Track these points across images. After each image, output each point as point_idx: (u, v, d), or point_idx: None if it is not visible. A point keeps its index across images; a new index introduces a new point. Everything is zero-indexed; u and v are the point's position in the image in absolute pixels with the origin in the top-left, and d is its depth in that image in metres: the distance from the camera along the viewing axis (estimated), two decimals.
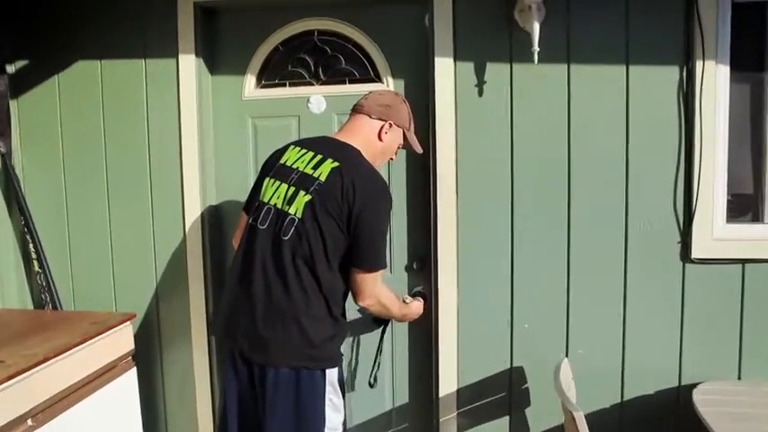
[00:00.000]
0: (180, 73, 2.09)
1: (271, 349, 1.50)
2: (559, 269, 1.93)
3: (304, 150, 1.64)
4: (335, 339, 1.58)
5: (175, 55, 2.09)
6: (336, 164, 1.55)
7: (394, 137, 1.73)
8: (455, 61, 1.94)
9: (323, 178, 1.54)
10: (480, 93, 1.95)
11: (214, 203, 2.20)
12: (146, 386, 2.17)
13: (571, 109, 1.89)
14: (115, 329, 2.02)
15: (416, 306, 1.87)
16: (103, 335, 1.96)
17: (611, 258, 1.90)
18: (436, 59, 1.94)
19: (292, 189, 1.57)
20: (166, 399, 2.25)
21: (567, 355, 1.93)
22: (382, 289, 1.60)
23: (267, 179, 1.65)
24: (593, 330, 1.92)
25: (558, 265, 1.93)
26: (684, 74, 1.82)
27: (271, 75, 2.17)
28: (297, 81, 2.15)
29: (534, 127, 1.92)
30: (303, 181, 1.56)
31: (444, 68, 1.94)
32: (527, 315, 1.96)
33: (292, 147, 1.68)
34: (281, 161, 1.65)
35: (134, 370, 2.09)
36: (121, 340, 2.05)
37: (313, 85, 2.14)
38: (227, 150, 2.19)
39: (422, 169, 2.04)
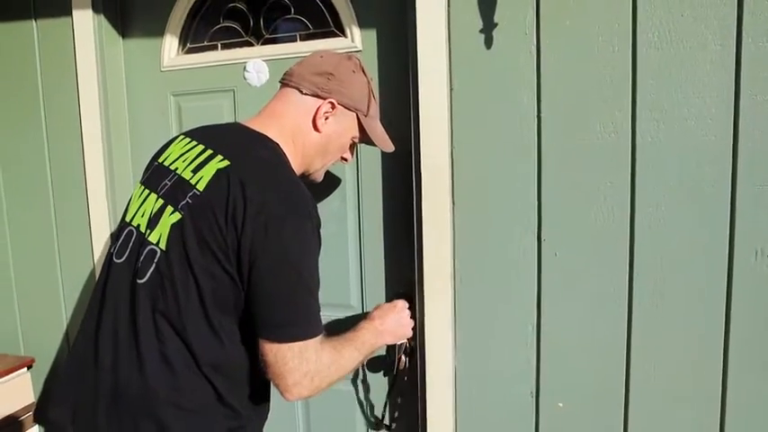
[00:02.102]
0: (76, 38, 1.54)
1: None
2: (614, 317, 1.21)
3: (193, 143, 1.06)
4: None
5: (69, 12, 1.53)
6: (225, 163, 0.97)
7: (341, 125, 1.12)
8: None
9: (201, 186, 0.96)
10: (488, 42, 1.25)
11: None
12: None
13: (637, 51, 1.14)
14: (6, 378, 1.57)
15: (395, 312, 1.25)
16: None
17: (703, 306, 1.15)
18: None
19: (160, 202, 1.00)
20: None
21: None
22: (319, 362, 0.96)
23: (138, 187, 1.10)
24: (670, 418, 1.20)
25: (612, 310, 1.21)
26: None
27: (197, 34, 1.57)
28: (231, 41, 1.53)
29: (575, 92, 1.19)
30: (175, 190, 1.00)
31: (431, 7, 1.25)
32: (561, 387, 1.26)
33: (181, 138, 1.12)
34: (161, 159, 1.10)
35: (35, 431, 1.63)
36: (16, 392, 1.60)
37: (252, 45, 1.52)
38: (144, 143, 1.61)
39: (404, 164, 1.37)
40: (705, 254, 1.14)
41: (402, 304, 1.29)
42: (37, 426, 1.63)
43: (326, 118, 1.09)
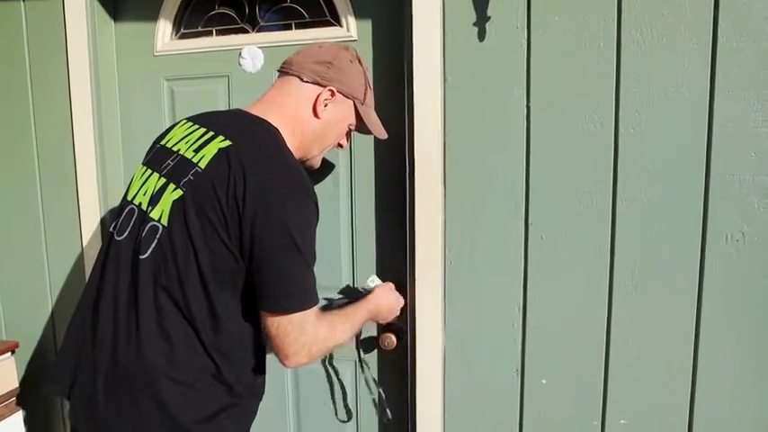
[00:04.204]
0: (67, 20, 1.52)
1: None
2: (596, 299, 1.29)
3: (195, 127, 1.10)
4: (225, 417, 1.02)
5: None
6: (227, 143, 1.00)
7: (339, 112, 1.17)
8: None
9: (203, 164, 1.00)
10: (481, 35, 1.30)
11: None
12: None
13: (621, 47, 1.21)
14: None
15: (387, 292, 1.37)
16: None
17: (678, 286, 1.24)
18: None
19: (162, 181, 1.04)
20: None
21: (603, 427, 1.31)
22: (317, 334, 1.01)
23: (140, 167, 1.13)
24: (646, 390, 1.28)
25: (594, 290, 1.29)
26: None
27: (192, 19, 1.57)
28: (226, 27, 1.55)
29: (563, 84, 1.26)
30: (178, 169, 1.03)
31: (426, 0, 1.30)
32: (545, 364, 1.34)
33: (183, 122, 1.15)
34: (163, 141, 1.13)
35: (19, 416, 1.62)
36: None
37: (247, 32, 1.54)
38: (135, 127, 1.61)
39: (397, 151, 1.41)
40: (680, 238, 1.22)
41: (391, 285, 1.39)
42: (21, 410, 1.62)
43: (326, 105, 1.14)
